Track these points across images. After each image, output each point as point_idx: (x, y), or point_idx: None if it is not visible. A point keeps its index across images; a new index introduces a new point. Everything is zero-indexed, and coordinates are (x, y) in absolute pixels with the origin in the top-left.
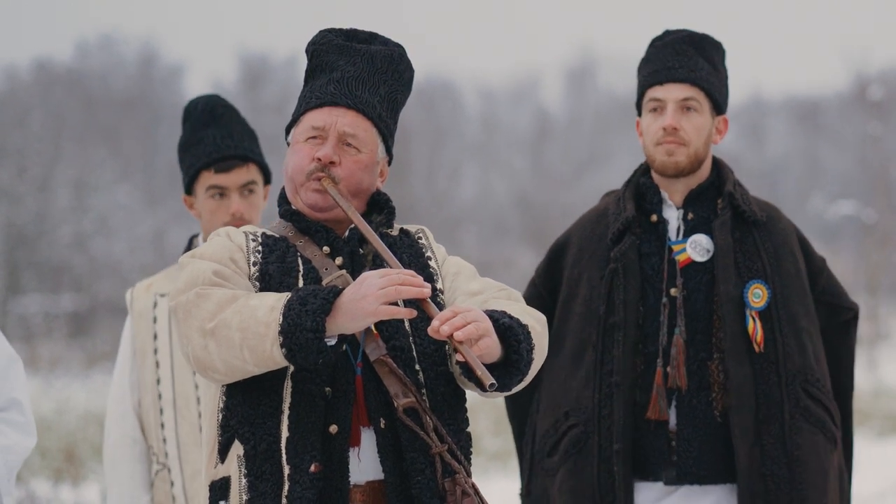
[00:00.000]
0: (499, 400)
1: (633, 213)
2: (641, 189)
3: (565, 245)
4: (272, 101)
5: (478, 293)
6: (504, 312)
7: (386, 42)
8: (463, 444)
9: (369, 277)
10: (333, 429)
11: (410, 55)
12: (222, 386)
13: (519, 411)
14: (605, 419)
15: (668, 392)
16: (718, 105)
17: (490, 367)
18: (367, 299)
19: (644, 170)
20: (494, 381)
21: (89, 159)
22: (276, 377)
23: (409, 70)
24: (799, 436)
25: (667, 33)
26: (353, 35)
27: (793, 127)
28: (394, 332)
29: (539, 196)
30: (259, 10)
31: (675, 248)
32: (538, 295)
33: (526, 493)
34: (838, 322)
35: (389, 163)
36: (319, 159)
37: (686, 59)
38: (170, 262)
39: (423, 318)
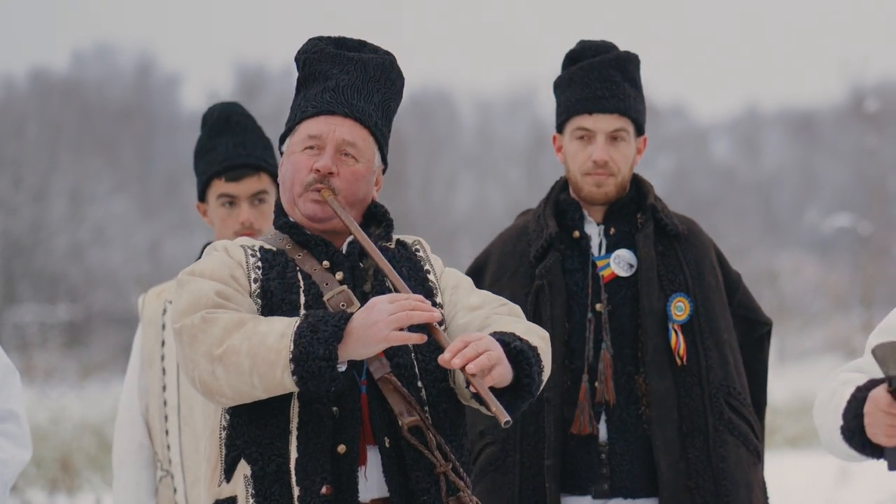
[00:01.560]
0: None
1: (555, 229)
2: (562, 206)
3: (484, 264)
4: (268, 111)
5: (478, 307)
6: (514, 335)
7: (376, 50)
8: (464, 459)
9: (379, 303)
10: (342, 448)
11: (406, 66)
12: None
13: None
14: (529, 436)
15: (597, 406)
16: (640, 128)
17: (501, 391)
18: (378, 325)
19: (562, 186)
20: (510, 419)
21: (85, 169)
22: (282, 397)
23: (400, 78)
24: (724, 448)
25: (585, 49)
26: (342, 43)
27: (788, 139)
28: (397, 350)
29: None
30: (256, 20)
31: (600, 263)
32: None
33: None
34: (754, 337)
35: (384, 171)
36: (318, 170)
37: (615, 88)
38: (166, 273)
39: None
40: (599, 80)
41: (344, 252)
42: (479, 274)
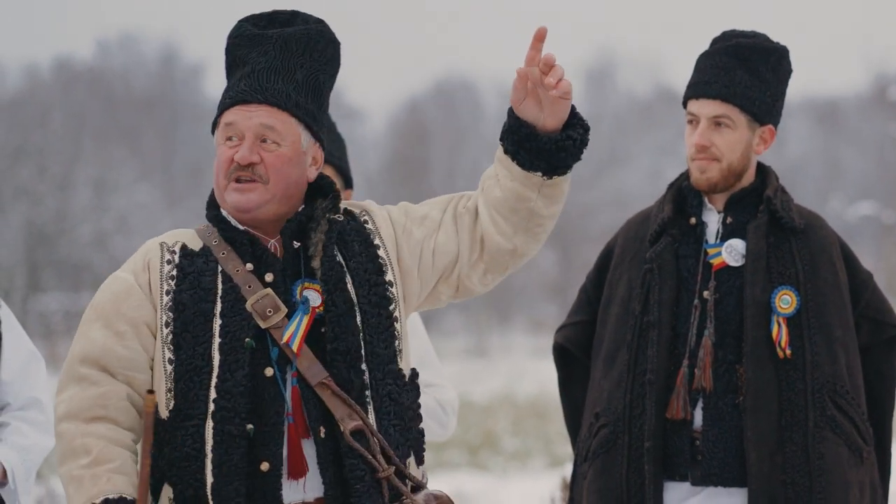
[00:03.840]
0: (518, 400)
1: (670, 214)
2: (683, 192)
3: (611, 249)
4: None
5: (439, 216)
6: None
7: (307, 20)
8: (412, 441)
9: None
10: (265, 466)
11: (430, 55)
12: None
13: (575, 418)
14: (636, 419)
15: (695, 393)
16: (758, 117)
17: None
18: None
19: (688, 172)
20: None
21: (109, 158)
22: (196, 418)
23: (330, 46)
24: (822, 445)
25: (724, 36)
26: (273, 18)
27: (812, 128)
28: (340, 333)
29: None
30: (279, 8)
31: (711, 251)
32: (587, 301)
33: (570, 501)
34: (883, 339)
35: (323, 147)
36: (237, 161)
37: (723, 74)
38: None
39: (378, 314)
40: (710, 66)
41: (274, 253)
42: (607, 259)
